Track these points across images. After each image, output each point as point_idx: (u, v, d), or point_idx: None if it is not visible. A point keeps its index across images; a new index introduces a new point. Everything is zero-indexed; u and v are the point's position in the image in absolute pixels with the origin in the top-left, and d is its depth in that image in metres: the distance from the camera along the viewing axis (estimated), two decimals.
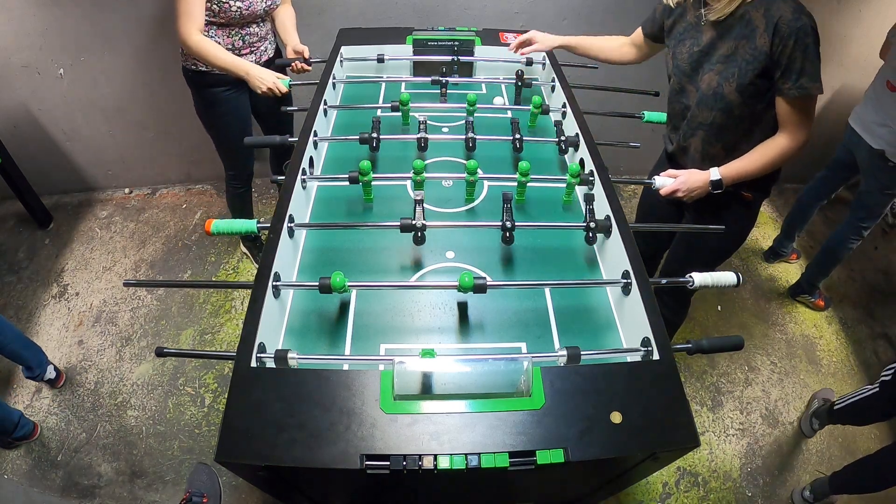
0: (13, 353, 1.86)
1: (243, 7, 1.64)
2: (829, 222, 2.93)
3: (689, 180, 1.34)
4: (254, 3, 1.67)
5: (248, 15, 1.68)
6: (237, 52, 1.77)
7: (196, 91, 1.84)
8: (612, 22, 2.35)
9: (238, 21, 1.69)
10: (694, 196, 1.36)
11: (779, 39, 1.16)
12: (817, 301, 2.47)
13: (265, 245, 1.09)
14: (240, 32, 1.73)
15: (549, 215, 1.35)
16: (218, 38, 1.70)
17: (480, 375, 0.91)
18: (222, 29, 1.69)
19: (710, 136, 1.39)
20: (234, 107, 1.87)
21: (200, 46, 1.61)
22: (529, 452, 0.79)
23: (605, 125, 2.13)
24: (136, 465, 1.85)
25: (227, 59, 1.64)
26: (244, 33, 1.74)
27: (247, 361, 0.89)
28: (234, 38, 1.73)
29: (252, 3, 1.66)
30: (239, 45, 1.75)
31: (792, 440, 2.02)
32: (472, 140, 1.43)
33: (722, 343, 1.02)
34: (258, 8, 1.69)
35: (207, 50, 1.62)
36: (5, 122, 2.45)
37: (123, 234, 2.64)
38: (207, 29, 1.67)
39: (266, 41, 1.84)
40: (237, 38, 1.73)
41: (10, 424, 1.79)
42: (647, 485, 1.87)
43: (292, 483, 0.96)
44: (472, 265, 1.20)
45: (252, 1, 1.66)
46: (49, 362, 1.99)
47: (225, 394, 1.50)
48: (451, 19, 2.31)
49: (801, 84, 1.18)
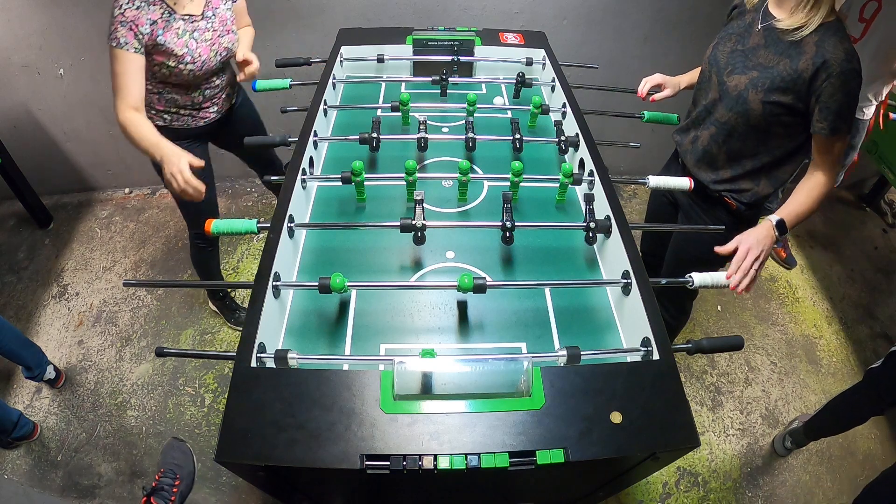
0: (12, 353, 1.86)
1: (195, 68, 1.50)
2: (829, 222, 2.93)
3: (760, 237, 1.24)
4: (206, 60, 1.51)
5: (202, 74, 1.54)
6: (197, 108, 1.62)
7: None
8: (612, 22, 2.35)
9: (194, 81, 1.55)
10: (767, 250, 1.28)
11: (826, 75, 1.16)
12: (779, 250, 2.53)
13: (265, 245, 1.09)
14: (199, 88, 1.59)
15: (545, 215, 1.35)
16: (175, 94, 1.56)
17: (480, 375, 0.91)
18: (178, 88, 1.55)
19: (719, 136, 1.38)
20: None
21: (125, 126, 1.41)
22: (529, 452, 0.79)
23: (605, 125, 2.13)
24: (136, 465, 1.85)
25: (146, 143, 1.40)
26: (204, 88, 1.60)
27: (247, 361, 0.89)
28: (194, 94, 1.59)
29: (205, 62, 1.51)
30: (199, 101, 1.61)
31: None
32: (472, 140, 1.43)
33: (722, 343, 1.02)
34: (212, 64, 1.54)
35: (130, 131, 1.41)
36: (5, 122, 2.45)
37: (123, 234, 2.64)
38: (162, 87, 1.53)
39: (230, 87, 1.71)
40: (197, 94, 1.59)
41: (10, 424, 1.79)
42: (647, 485, 1.87)
43: (292, 483, 0.96)
44: (471, 265, 1.20)
45: (204, 59, 1.51)
46: (48, 362, 1.99)
47: (225, 394, 1.50)
48: (451, 19, 2.31)
49: (833, 124, 1.19)
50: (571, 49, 2.39)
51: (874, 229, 2.95)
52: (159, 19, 1.40)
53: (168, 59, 1.45)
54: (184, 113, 1.62)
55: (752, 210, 1.45)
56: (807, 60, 1.17)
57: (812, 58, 1.17)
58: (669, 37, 2.41)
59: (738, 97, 1.30)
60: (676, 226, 1.63)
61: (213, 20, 1.54)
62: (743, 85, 1.28)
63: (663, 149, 1.70)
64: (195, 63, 1.50)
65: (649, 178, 1.32)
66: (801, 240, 2.83)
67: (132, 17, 1.35)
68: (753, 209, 1.45)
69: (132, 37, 1.36)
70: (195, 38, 1.49)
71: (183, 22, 1.45)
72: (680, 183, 1.30)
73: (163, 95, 1.56)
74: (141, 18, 1.36)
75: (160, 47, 1.42)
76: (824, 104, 1.18)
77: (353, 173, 1.26)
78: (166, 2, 1.42)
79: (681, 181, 1.30)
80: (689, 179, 1.30)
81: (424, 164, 1.48)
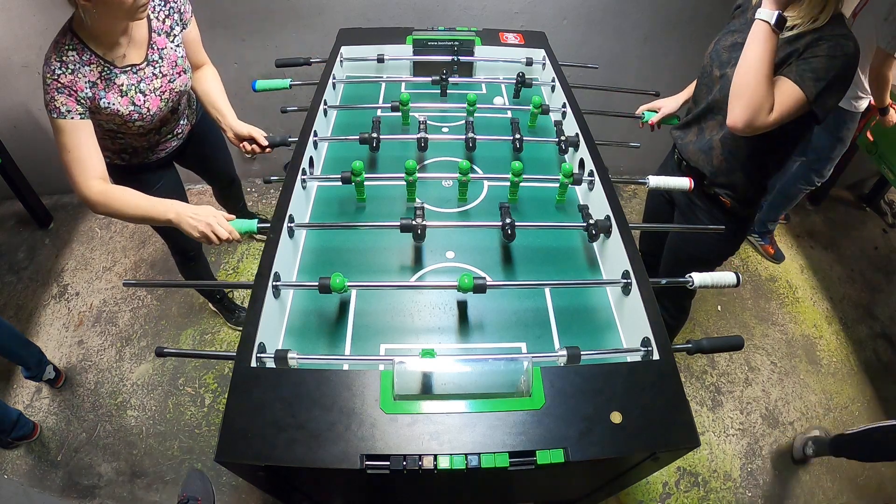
0: (10, 353, 1.86)
1: (145, 123, 1.35)
2: (830, 221, 2.93)
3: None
4: (156, 113, 1.36)
5: (152, 126, 1.40)
6: (154, 147, 1.50)
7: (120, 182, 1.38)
8: (612, 22, 2.35)
9: (145, 133, 1.43)
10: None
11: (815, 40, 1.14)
12: (766, 246, 2.57)
13: (265, 245, 1.09)
14: (153, 130, 1.46)
15: (545, 215, 1.35)
16: (129, 139, 1.42)
17: (480, 375, 0.91)
18: (131, 136, 1.41)
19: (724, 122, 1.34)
20: (164, 186, 1.57)
21: (101, 201, 1.23)
22: (529, 452, 0.79)
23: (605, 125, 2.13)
24: (136, 465, 1.85)
25: (143, 211, 1.25)
26: (160, 127, 1.48)
27: (247, 361, 0.89)
28: (150, 136, 1.46)
29: (155, 114, 1.36)
30: (156, 140, 1.49)
31: (792, 440, 2.02)
32: (472, 140, 1.43)
33: (722, 343, 1.02)
34: (163, 113, 1.40)
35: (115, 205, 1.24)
36: (5, 122, 2.44)
37: (123, 234, 2.64)
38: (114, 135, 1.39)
39: (188, 110, 1.59)
40: (152, 135, 1.47)
41: (9, 423, 1.79)
42: (647, 485, 1.87)
43: (292, 483, 0.96)
44: (471, 265, 1.20)
45: (154, 113, 1.35)
46: (48, 362, 1.99)
47: (225, 394, 1.50)
48: (451, 19, 2.31)
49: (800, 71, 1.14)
50: (571, 49, 2.39)
51: (874, 229, 2.95)
52: (98, 79, 1.22)
53: (113, 119, 1.29)
54: (141, 151, 1.48)
55: (746, 208, 1.45)
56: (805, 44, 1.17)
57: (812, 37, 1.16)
58: (669, 37, 2.41)
59: None
60: (677, 226, 1.63)
61: (161, 64, 1.34)
62: None
63: (663, 149, 1.70)
64: (144, 119, 1.33)
65: (649, 178, 1.32)
66: (801, 240, 2.83)
67: (68, 82, 1.17)
68: (747, 207, 1.45)
69: (73, 103, 1.18)
70: (142, 91, 1.31)
71: (125, 76, 1.27)
72: (680, 183, 1.30)
73: (116, 140, 1.41)
74: (78, 83, 1.18)
75: (105, 110, 1.26)
76: (800, 54, 1.16)
77: (353, 173, 1.26)
78: (102, 57, 1.22)
79: (681, 181, 1.30)
80: (689, 179, 1.30)
81: (424, 164, 1.48)
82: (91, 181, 1.23)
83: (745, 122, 1.16)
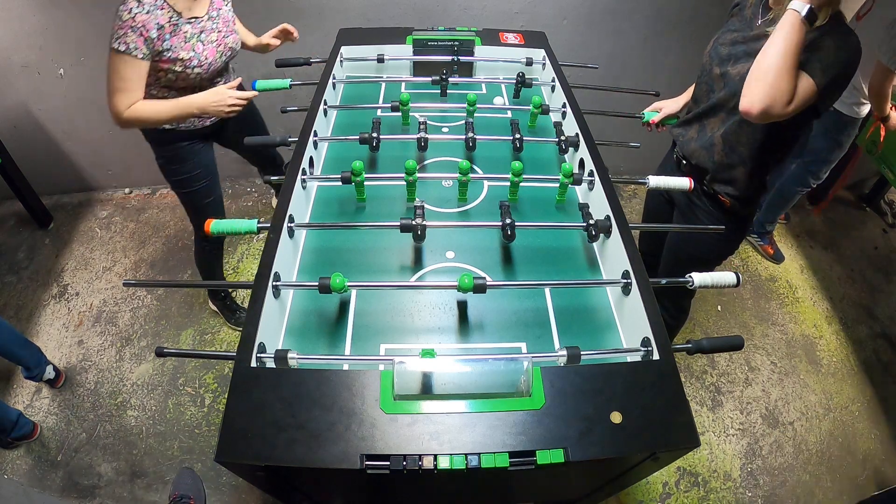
0: (10, 353, 1.86)
1: (202, 71, 1.50)
2: (830, 221, 2.93)
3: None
4: (213, 62, 1.52)
5: (208, 77, 1.54)
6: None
7: (158, 148, 1.65)
8: (612, 22, 2.35)
9: (199, 84, 1.55)
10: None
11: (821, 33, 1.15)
12: (766, 247, 2.60)
13: (265, 245, 1.09)
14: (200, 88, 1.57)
15: (545, 215, 1.35)
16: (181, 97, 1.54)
17: (480, 375, 0.91)
18: (182, 91, 1.53)
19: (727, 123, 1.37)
20: (200, 160, 1.71)
21: (136, 115, 1.42)
22: (529, 452, 0.79)
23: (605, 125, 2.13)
24: (136, 465, 1.85)
25: (171, 111, 1.46)
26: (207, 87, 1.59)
27: (247, 361, 0.89)
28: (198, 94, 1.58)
29: (211, 64, 1.51)
30: None
31: (792, 440, 2.02)
32: (472, 140, 1.43)
33: (722, 343, 1.02)
34: (218, 65, 1.55)
35: (146, 115, 1.43)
36: (5, 122, 2.45)
37: (123, 234, 2.64)
38: (167, 93, 1.52)
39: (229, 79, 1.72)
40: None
41: (8, 423, 1.79)
42: (647, 485, 1.87)
43: (292, 483, 0.96)
44: (471, 265, 1.20)
45: (210, 62, 1.51)
46: (48, 362, 1.99)
47: (225, 394, 1.50)
48: (451, 19, 2.31)
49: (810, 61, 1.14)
50: (571, 49, 2.39)
51: (874, 229, 2.96)
52: (167, 24, 1.38)
53: (174, 65, 1.44)
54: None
55: (745, 207, 1.45)
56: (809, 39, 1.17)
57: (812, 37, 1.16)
58: (669, 37, 2.41)
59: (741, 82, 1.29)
60: (677, 226, 1.63)
61: (217, 21, 1.53)
62: (746, 71, 1.27)
63: (663, 149, 1.70)
64: (202, 66, 1.49)
65: (649, 178, 1.32)
66: (800, 240, 2.83)
67: (142, 21, 1.32)
68: (746, 205, 1.45)
69: (142, 42, 1.34)
70: (202, 41, 1.48)
71: (189, 25, 1.44)
72: (680, 183, 1.30)
73: (168, 97, 1.53)
74: (150, 23, 1.34)
75: (167, 53, 1.40)
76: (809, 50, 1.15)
77: (353, 173, 1.26)
78: (172, 6, 1.39)
79: (681, 181, 1.30)
80: (689, 179, 1.30)
81: (424, 164, 1.48)
82: (126, 108, 1.41)
83: (762, 109, 1.13)
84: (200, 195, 1.77)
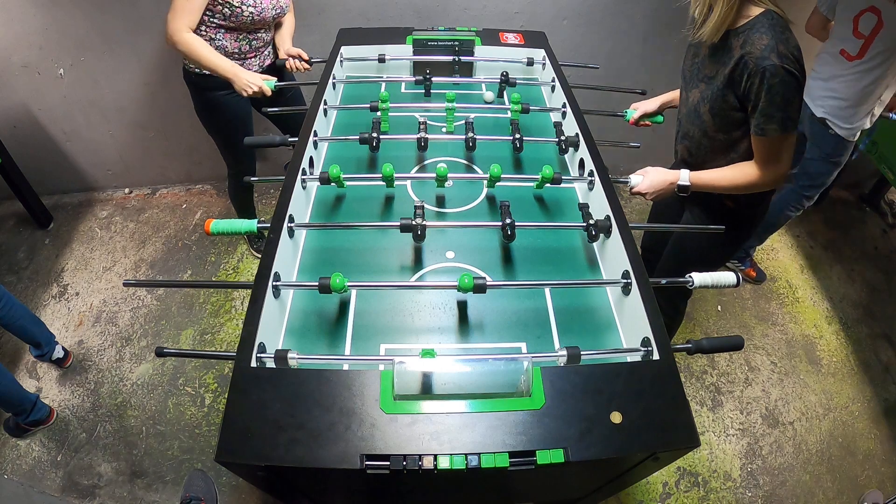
0: (22, 329, 1.87)
1: (255, 13, 1.66)
2: (829, 222, 2.93)
3: (655, 181, 1.34)
4: (265, 9, 1.69)
5: (258, 21, 1.69)
6: (243, 57, 1.79)
7: (197, 93, 1.85)
8: (612, 22, 2.35)
9: (248, 26, 1.70)
10: (660, 195, 1.37)
11: (747, 76, 1.14)
12: (748, 270, 2.52)
13: (265, 245, 1.09)
14: (248, 37, 1.75)
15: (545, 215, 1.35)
16: (225, 41, 1.72)
17: (480, 375, 0.91)
18: (231, 33, 1.71)
19: (691, 148, 1.40)
20: (235, 109, 1.88)
21: (190, 44, 1.60)
22: (529, 452, 0.79)
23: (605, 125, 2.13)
24: (136, 465, 1.85)
25: (215, 61, 1.64)
26: (252, 38, 1.76)
27: (247, 361, 0.89)
28: (242, 42, 1.75)
29: (263, 10, 1.68)
30: (245, 50, 1.78)
31: (792, 440, 2.02)
32: (472, 140, 1.43)
33: (722, 343, 1.02)
34: (269, 14, 1.71)
35: (197, 49, 1.61)
36: (5, 122, 2.44)
37: (123, 234, 2.64)
38: (215, 32, 1.68)
39: (270, 46, 1.88)
40: (244, 42, 1.76)
41: (28, 404, 1.81)
42: (647, 485, 1.87)
43: (292, 483, 0.96)
44: (472, 265, 1.20)
45: (264, 7, 1.68)
46: (57, 342, 1.99)
47: (225, 394, 1.50)
48: (451, 19, 2.31)
49: (759, 124, 1.17)
50: (571, 49, 2.39)
51: (874, 229, 2.95)
52: None
53: (229, 3, 1.60)
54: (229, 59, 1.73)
55: (750, 208, 1.45)
56: (733, 63, 1.16)
57: (737, 59, 1.15)
58: (669, 37, 2.40)
59: (695, 110, 1.32)
60: (676, 226, 1.63)
61: None
62: (697, 98, 1.30)
63: (663, 149, 1.70)
64: (256, 7, 1.65)
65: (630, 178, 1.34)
66: (800, 240, 2.83)
67: None
68: (750, 207, 1.45)
69: None
70: None
71: None
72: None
73: (213, 43, 1.69)
74: None
75: None
76: (753, 103, 1.16)
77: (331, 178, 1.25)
78: None
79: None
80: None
81: (424, 164, 1.48)
82: (183, 28, 1.59)
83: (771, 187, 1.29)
84: (234, 141, 1.92)
